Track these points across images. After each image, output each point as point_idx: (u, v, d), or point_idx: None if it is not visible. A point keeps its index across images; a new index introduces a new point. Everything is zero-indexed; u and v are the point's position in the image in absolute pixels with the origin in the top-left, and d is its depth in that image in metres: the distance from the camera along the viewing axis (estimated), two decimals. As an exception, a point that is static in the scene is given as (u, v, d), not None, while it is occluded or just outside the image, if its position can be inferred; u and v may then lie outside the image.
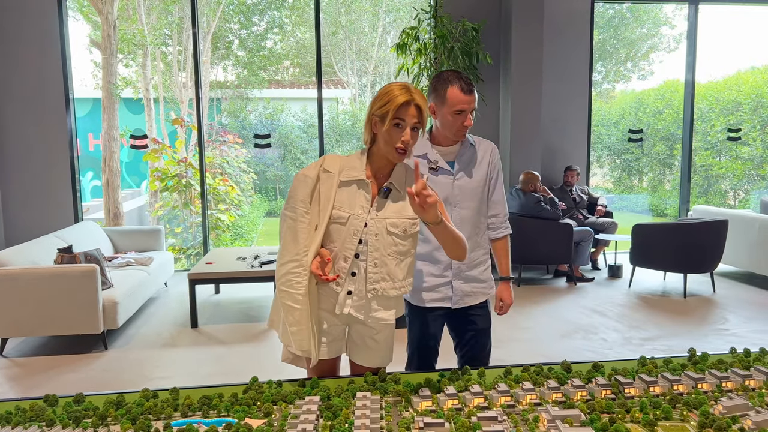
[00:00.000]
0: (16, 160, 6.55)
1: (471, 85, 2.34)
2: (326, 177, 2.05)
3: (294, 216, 2.04)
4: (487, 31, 6.91)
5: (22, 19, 6.40)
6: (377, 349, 2.16)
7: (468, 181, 2.47)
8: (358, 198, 2.05)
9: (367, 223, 2.03)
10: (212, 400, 1.85)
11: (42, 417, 1.77)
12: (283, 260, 2.04)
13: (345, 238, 2.04)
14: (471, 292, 2.53)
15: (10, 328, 4.23)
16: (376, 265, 2.04)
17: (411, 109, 1.95)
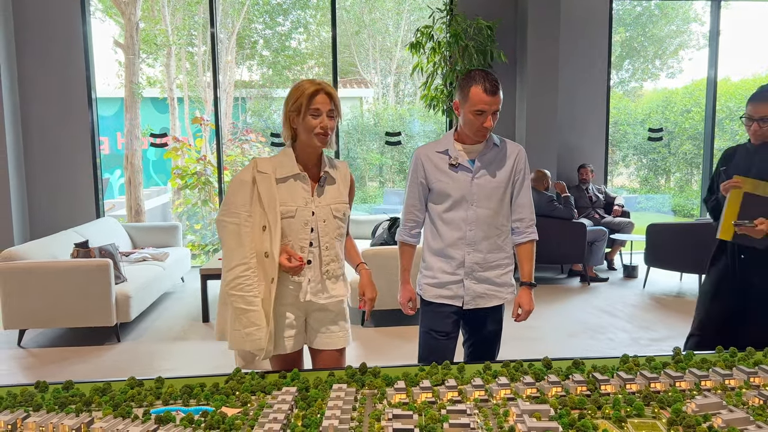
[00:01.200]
0: (42, 157, 6.74)
1: (496, 86, 2.33)
2: (262, 178, 2.13)
3: (237, 221, 2.11)
4: (502, 30, 6.89)
5: (46, 20, 6.59)
6: (337, 330, 2.29)
7: (488, 181, 2.45)
8: (297, 191, 2.15)
9: (314, 212, 2.16)
10: (194, 389, 1.90)
11: (30, 402, 1.84)
12: (229, 265, 2.10)
13: (297, 230, 2.15)
14: (484, 293, 2.51)
15: (28, 320, 4.37)
16: (327, 248, 2.19)
17: (321, 96, 2.08)
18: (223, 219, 2.12)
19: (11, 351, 4.36)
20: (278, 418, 1.65)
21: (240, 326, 2.10)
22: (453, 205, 2.46)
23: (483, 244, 2.47)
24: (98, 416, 1.74)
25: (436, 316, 2.54)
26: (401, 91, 16.86)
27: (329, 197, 2.20)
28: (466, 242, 2.47)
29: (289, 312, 2.21)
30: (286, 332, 2.21)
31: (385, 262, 4.45)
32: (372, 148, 14.78)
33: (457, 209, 2.46)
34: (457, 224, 2.47)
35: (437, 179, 2.48)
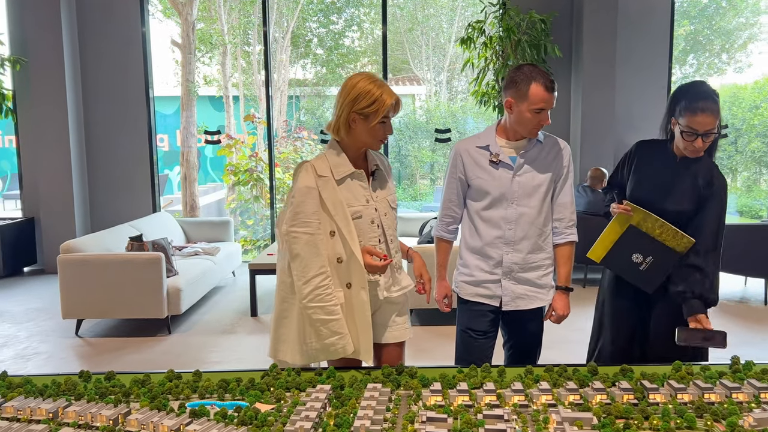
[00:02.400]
0: (102, 154, 6.99)
1: (553, 82, 2.28)
2: (324, 182, 2.07)
3: (311, 230, 2.05)
4: (557, 23, 6.70)
5: (108, 20, 6.82)
6: (402, 322, 2.30)
7: (530, 179, 2.37)
8: (357, 190, 2.13)
9: (376, 208, 2.16)
10: (230, 384, 1.90)
11: (73, 391, 1.88)
12: (306, 277, 2.03)
13: (365, 230, 2.13)
14: (524, 294, 2.42)
15: (85, 310, 4.53)
16: (392, 241, 2.20)
17: (397, 107, 2.10)
18: (295, 230, 2.04)
19: (69, 340, 4.53)
20: (310, 416, 1.63)
21: (318, 339, 2.06)
22: (492, 202, 2.39)
23: (523, 243, 2.39)
24: (136, 407, 1.76)
25: (473, 314, 2.49)
26: (454, 88, 16.71)
27: (384, 190, 2.20)
28: (504, 241, 2.39)
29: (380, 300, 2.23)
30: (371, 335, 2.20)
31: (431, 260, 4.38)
32: (423, 145, 14.69)
33: (496, 207, 2.38)
34: (496, 222, 2.39)
35: (476, 176, 2.40)
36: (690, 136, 2.30)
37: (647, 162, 2.50)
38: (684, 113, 2.30)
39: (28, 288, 6.11)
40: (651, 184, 2.45)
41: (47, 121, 6.66)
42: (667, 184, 2.43)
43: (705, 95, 2.29)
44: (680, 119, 2.32)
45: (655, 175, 2.46)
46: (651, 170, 2.48)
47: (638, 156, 2.54)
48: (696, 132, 2.28)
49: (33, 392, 1.87)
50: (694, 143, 2.31)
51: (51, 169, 6.72)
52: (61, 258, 4.45)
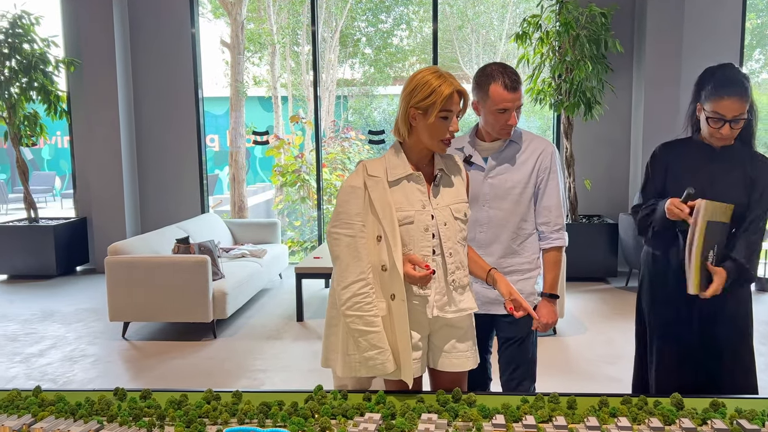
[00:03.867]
0: (152, 154, 7.02)
1: (516, 81, 2.17)
2: (374, 182, 1.90)
3: (352, 232, 1.88)
4: (617, 17, 6.36)
5: (158, 21, 6.85)
6: (464, 349, 2.01)
7: (502, 180, 2.28)
8: (413, 193, 1.93)
9: (433, 215, 1.92)
10: (271, 408, 1.76)
11: (106, 411, 1.76)
12: (345, 282, 1.88)
13: (417, 238, 1.92)
14: (497, 299, 2.29)
15: (131, 313, 4.49)
16: (451, 255, 1.95)
17: (455, 97, 1.87)
18: (336, 231, 1.90)
19: (116, 342, 4.51)
20: (358, 452, 1.46)
21: (357, 351, 1.88)
22: None
23: (494, 247, 2.30)
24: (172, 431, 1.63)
25: None
26: (505, 87, 16.32)
27: (448, 197, 1.97)
28: (476, 244, 2.29)
29: (414, 331, 1.94)
30: (413, 354, 1.92)
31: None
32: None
33: (471, 209, 2.25)
34: (470, 225, 2.26)
35: None
36: (716, 123, 2.15)
37: (679, 161, 2.33)
38: (710, 98, 2.14)
39: (80, 288, 6.17)
40: (690, 182, 2.22)
41: (99, 122, 6.72)
42: (709, 178, 2.24)
43: (732, 78, 2.13)
44: (705, 105, 2.17)
45: (691, 172, 2.28)
46: (685, 168, 2.30)
47: (667, 158, 2.37)
48: (723, 118, 2.13)
49: (65, 411, 1.76)
50: (720, 130, 2.15)
51: (102, 169, 6.78)
52: (108, 260, 4.43)
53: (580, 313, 5.01)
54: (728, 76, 2.15)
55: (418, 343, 1.95)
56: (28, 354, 4.29)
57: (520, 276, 2.33)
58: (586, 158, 6.63)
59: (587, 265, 6.06)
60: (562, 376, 3.84)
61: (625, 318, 4.94)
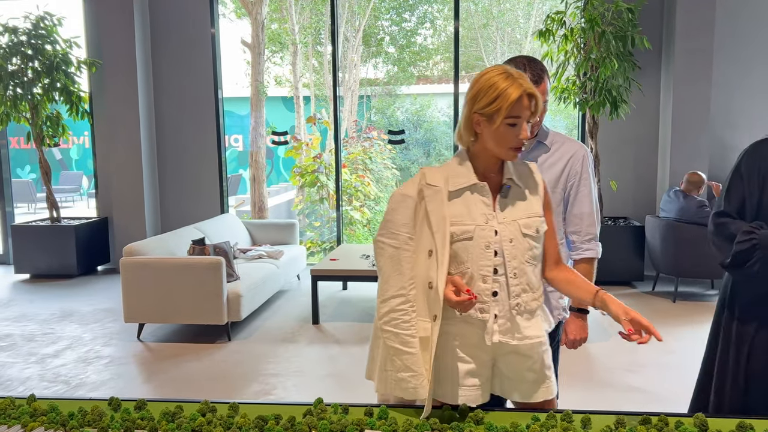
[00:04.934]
0: (173, 155, 7.03)
1: (540, 76, 2.06)
2: (432, 193, 1.73)
3: (396, 244, 1.73)
4: (646, 13, 6.17)
5: (179, 22, 6.84)
6: (536, 380, 1.79)
7: None
8: (475, 205, 1.73)
9: (497, 230, 1.72)
10: (267, 423, 1.67)
11: (98, 422, 1.70)
12: (385, 296, 1.73)
13: (476, 255, 1.70)
14: None
15: (146, 314, 4.47)
16: (516, 276, 1.72)
17: (524, 100, 1.65)
18: (381, 240, 1.75)
19: (131, 344, 4.49)
20: (353, 474, 1.36)
21: (393, 368, 1.73)
22: None
23: None
24: (160, 447, 1.55)
25: None
26: (531, 86, 16.09)
27: (517, 210, 1.76)
28: None
29: (472, 355, 1.76)
30: (468, 380, 1.75)
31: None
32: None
33: None
34: None
35: None
36: None
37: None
38: None
39: (100, 287, 6.19)
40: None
41: (120, 123, 6.75)
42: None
43: None
44: None
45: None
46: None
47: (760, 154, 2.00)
48: None
49: (56, 422, 1.70)
50: None
51: (123, 169, 6.80)
52: (123, 261, 4.41)
53: (604, 319, 4.85)
54: None
55: (478, 370, 1.76)
56: (44, 355, 4.29)
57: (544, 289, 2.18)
58: (613, 158, 6.44)
59: (612, 268, 5.87)
60: (582, 384, 3.70)
61: (651, 324, 4.77)
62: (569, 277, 1.83)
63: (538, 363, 1.79)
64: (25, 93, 6.38)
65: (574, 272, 1.85)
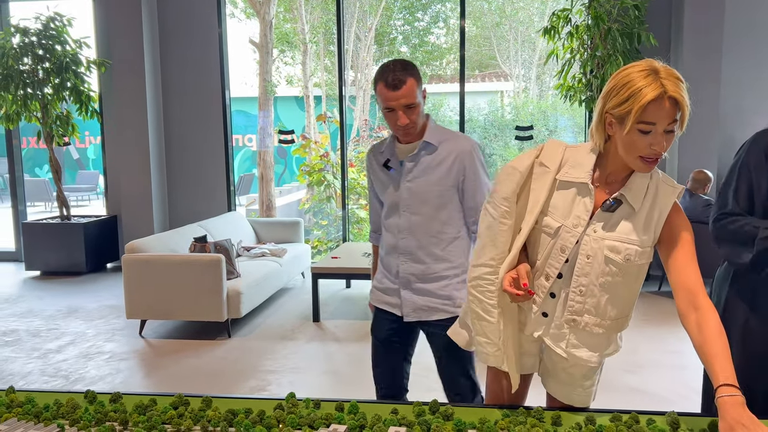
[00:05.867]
0: (181, 154, 7.09)
1: (401, 79, 2.02)
2: (541, 172, 1.66)
3: (496, 215, 1.68)
4: (654, 10, 6.10)
5: (186, 22, 6.90)
6: (570, 383, 1.79)
7: (420, 184, 2.17)
8: (576, 206, 1.63)
9: (579, 240, 1.63)
10: (237, 416, 1.68)
11: (71, 414, 1.72)
12: (477, 261, 1.72)
13: (550, 253, 1.67)
14: (426, 306, 2.23)
15: (147, 311, 4.52)
16: (582, 293, 1.64)
17: (664, 104, 1.44)
18: (486, 207, 1.72)
19: (132, 340, 4.53)
20: (312, 467, 1.36)
21: (474, 330, 1.76)
22: (389, 210, 2.26)
23: (418, 253, 2.20)
24: (129, 439, 1.57)
25: (376, 321, 2.38)
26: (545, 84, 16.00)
27: (613, 230, 1.60)
28: (399, 251, 2.23)
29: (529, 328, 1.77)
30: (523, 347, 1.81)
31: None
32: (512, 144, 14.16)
33: (392, 215, 2.24)
34: (392, 231, 2.24)
35: (377, 182, 2.30)
36: None
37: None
38: None
39: (107, 285, 6.27)
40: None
41: (128, 122, 6.82)
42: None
43: None
44: None
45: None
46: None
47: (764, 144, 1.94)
48: None
49: (30, 414, 1.72)
50: None
51: (132, 168, 6.88)
52: (125, 258, 4.46)
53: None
54: None
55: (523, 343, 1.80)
56: (47, 350, 4.36)
57: (448, 281, 2.23)
58: (619, 157, 6.38)
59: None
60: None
61: (653, 324, 4.71)
62: (703, 345, 1.46)
63: (577, 370, 1.76)
64: (35, 92, 6.48)
65: (712, 337, 1.45)
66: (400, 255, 2.23)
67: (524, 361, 1.83)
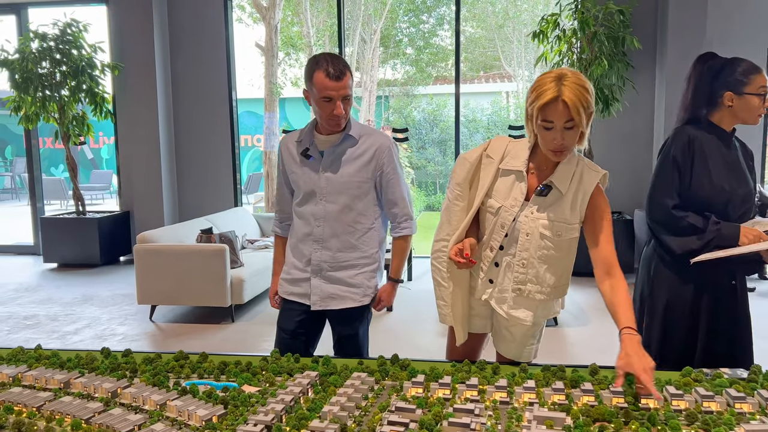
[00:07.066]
0: (190, 152, 7.45)
1: (342, 70, 2.16)
2: (487, 162, 1.99)
3: (451, 198, 2.06)
4: (641, 14, 6.36)
5: (196, 26, 7.25)
6: (512, 341, 2.12)
7: (338, 175, 2.30)
8: (514, 190, 1.94)
9: (516, 218, 1.93)
10: (228, 366, 1.99)
11: (90, 365, 2.04)
12: (436, 237, 2.09)
13: (493, 229, 1.99)
14: (336, 294, 2.36)
15: (157, 297, 4.86)
16: (524, 266, 1.96)
17: (558, 106, 1.72)
18: (447, 190, 2.09)
19: (143, 324, 4.88)
20: (285, 399, 1.68)
21: (435, 296, 2.12)
22: (304, 198, 2.36)
23: (332, 241, 2.33)
24: (136, 383, 1.89)
25: (284, 313, 2.49)
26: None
27: (546, 211, 1.91)
28: (313, 238, 2.34)
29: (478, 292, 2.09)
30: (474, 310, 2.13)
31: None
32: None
33: (307, 203, 2.35)
34: (307, 219, 2.35)
35: (292, 170, 2.38)
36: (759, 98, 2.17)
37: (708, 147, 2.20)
38: (747, 75, 2.18)
39: (120, 275, 6.63)
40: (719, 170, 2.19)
41: (140, 122, 7.18)
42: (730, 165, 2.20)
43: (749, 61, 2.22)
44: (744, 85, 2.18)
45: (719, 159, 2.20)
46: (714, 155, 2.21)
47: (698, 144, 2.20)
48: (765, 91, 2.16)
49: (55, 364, 2.05)
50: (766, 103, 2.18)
51: (143, 166, 7.24)
52: (137, 248, 4.80)
53: (588, 307, 5.09)
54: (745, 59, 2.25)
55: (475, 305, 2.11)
56: (65, 332, 4.71)
57: (358, 270, 2.36)
58: (608, 155, 6.64)
59: (604, 260, 6.09)
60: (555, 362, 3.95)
61: (632, 312, 4.99)
62: (612, 299, 1.81)
63: (517, 330, 2.07)
64: (53, 95, 6.85)
65: (620, 295, 1.81)
66: (314, 242, 2.33)
67: (476, 321, 2.17)
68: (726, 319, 2.26)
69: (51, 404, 1.70)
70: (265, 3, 8.78)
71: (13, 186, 17.00)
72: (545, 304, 2.06)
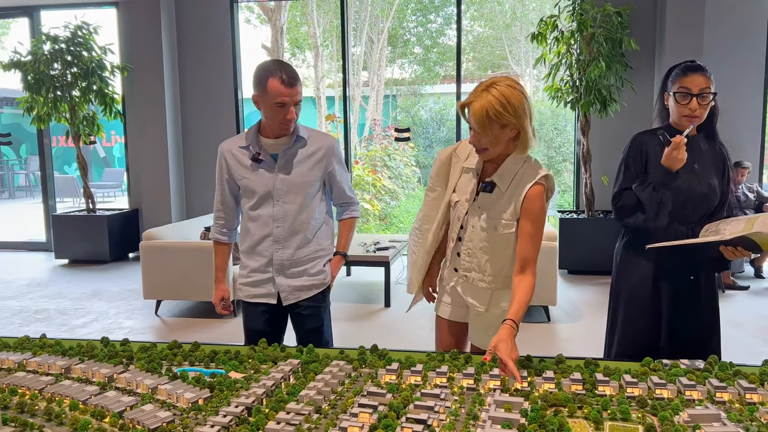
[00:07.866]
0: (196, 151, 7.61)
1: (294, 77, 2.27)
2: (456, 161, 2.22)
3: (427, 189, 2.32)
4: (638, 15, 6.44)
5: (203, 28, 7.42)
6: (478, 330, 2.26)
7: (294, 176, 2.40)
8: (468, 186, 2.17)
9: (468, 212, 2.16)
10: (218, 354, 2.13)
11: (90, 353, 2.19)
12: (415, 222, 2.39)
13: (453, 221, 2.23)
14: (302, 286, 2.50)
15: (161, 292, 5.02)
16: (469, 255, 2.18)
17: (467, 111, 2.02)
18: None
19: (149, 318, 5.04)
20: (267, 384, 1.81)
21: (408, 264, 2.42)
22: (259, 201, 2.43)
23: (291, 240, 2.44)
24: (132, 369, 2.03)
25: (250, 315, 2.61)
26: (554, 84, 16.24)
27: (487, 206, 2.11)
28: (273, 239, 2.44)
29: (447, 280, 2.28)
30: (444, 297, 2.32)
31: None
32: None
33: (263, 206, 2.43)
34: (265, 221, 2.43)
35: (242, 176, 2.44)
36: (684, 98, 2.19)
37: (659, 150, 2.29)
38: (676, 78, 2.25)
39: (128, 272, 6.80)
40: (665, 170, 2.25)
41: (148, 122, 7.36)
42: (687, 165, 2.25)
43: (694, 63, 2.27)
44: (672, 87, 2.25)
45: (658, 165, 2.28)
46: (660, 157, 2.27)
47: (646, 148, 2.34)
48: (689, 92, 2.19)
49: (58, 352, 2.20)
50: (689, 105, 2.19)
51: (151, 165, 7.41)
52: (143, 244, 4.97)
53: (581, 303, 5.18)
54: (690, 62, 2.28)
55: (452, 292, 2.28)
56: (73, 325, 4.88)
57: (319, 260, 2.52)
58: (605, 155, 6.71)
59: (602, 259, 6.14)
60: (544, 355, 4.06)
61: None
62: (515, 293, 2.03)
63: (480, 323, 2.23)
64: (64, 95, 7.04)
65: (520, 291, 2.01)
66: (274, 242, 2.43)
67: (455, 310, 2.31)
68: (688, 311, 2.38)
69: (51, 387, 1.84)
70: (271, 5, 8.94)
71: (28, 184, 17.31)
72: (496, 293, 2.18)
